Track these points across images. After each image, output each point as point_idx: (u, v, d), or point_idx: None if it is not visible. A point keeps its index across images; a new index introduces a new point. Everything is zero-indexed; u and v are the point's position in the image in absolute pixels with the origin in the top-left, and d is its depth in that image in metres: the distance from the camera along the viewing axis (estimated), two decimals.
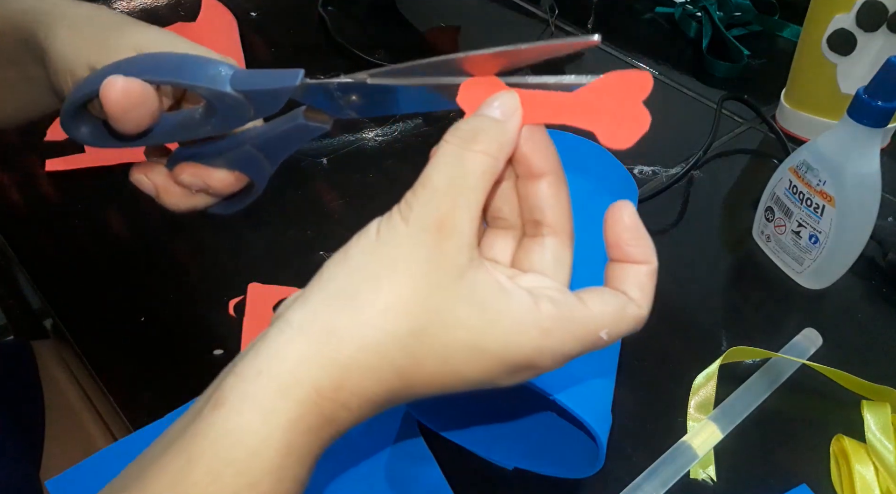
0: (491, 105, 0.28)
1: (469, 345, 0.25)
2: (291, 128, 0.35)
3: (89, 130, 0.36)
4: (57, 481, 0.43)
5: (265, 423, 0.24)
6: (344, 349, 0.25)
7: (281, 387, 0.25)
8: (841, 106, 0.50)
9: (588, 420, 0.37)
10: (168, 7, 0.86)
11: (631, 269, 0.29)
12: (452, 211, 0.26)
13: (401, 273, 0.25)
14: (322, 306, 0.26)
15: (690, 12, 0.87)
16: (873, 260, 0.58)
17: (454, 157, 0.26)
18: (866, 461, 0.44)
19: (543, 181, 0.29)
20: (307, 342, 0.25)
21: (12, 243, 0.58)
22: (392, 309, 0.25)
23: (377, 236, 0.26)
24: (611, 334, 0.27)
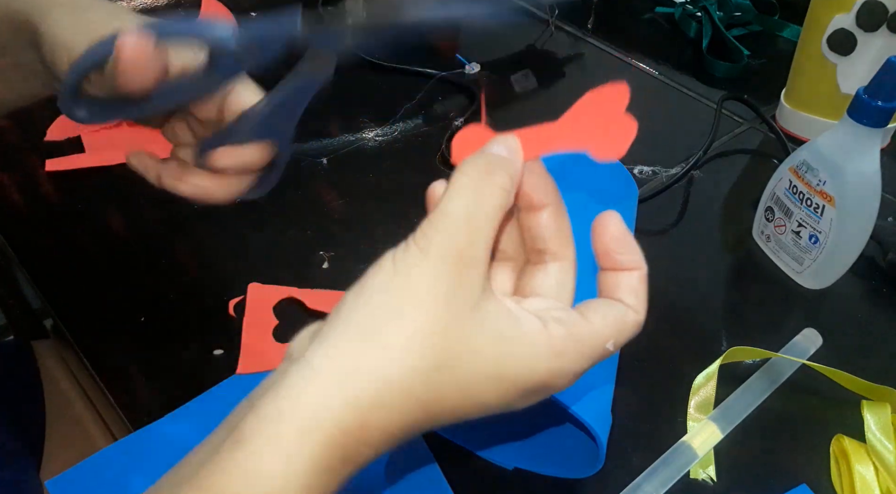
0: (495, 144, 0.29)
1: (489, 375, 0.26)
2: (300, 84, 0.36)
3: (87, 107, 0.37)
4: (57, 481, 0.43)
5: (286, 466, 0.24)
6: (367, 388, 0.25)
7: (303, 430, 0.24)
8: (841, 106, 0.50)
9: (588, 421, 0.37)
10: (168, 7, 0.86)
11: (623, 277, 0.29)
12: (471, 242, 0.26)
13: (421, 306, 0.25)
14: (343, 344, 0.25)
15: (690, 12, 0.87)
16: (873, 260, 0.58)
17: (471, 190, 0.27)
18: (866, 461, 0.44)
19: (544, 212, 0.30)
20: (329, 382, 0.25)
21: (12, 243, 0.58)
22: (415, 345, 0.25)
23: (394, 268, 0.26)
24: (616, 344, 0.28)
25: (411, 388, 0.25)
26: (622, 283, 0.29)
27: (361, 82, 0.76)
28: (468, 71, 0.78)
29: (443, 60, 0.79)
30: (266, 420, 0.25)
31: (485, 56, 0.80)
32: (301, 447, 0.24)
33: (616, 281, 0.29)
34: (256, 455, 0.24)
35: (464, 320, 0.26)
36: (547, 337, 0.26)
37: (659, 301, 0.55)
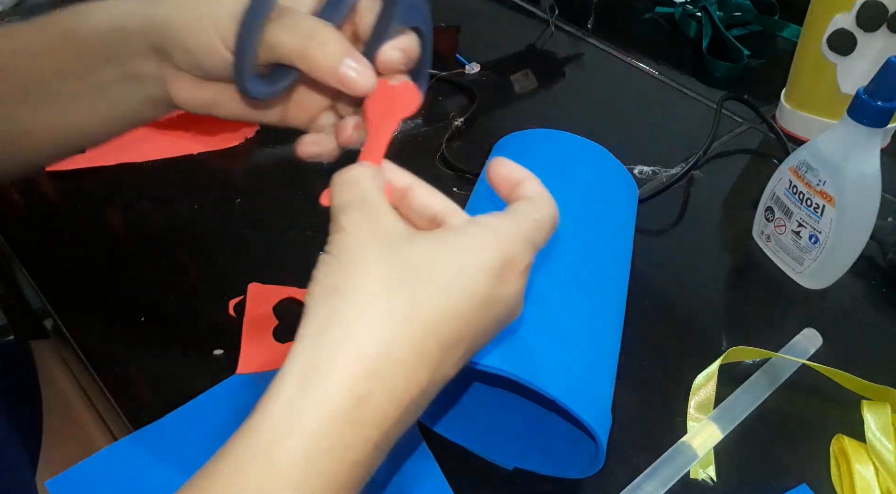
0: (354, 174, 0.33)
1: (451, 271, 0.29)
2: None
3: (268, 78, 0.36)
4: (56, 481, 0.43)
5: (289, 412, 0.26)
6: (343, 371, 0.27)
7: (301, 378, 0.27)
8: (841, 106, 0.50)
9: (588, 420, 0.37)
10: None
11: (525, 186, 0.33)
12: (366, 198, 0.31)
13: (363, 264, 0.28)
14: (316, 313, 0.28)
15: (690, 12, 0.87)
16: (873, 260, 0.58)
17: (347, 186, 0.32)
18: (866, 461, 0.45)
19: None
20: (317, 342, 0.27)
21: (12, 243, 0.58)
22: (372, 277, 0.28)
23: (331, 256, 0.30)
24: (540, 219, 0.32)
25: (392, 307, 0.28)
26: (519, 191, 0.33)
27: None
28: (468, 71, 0.78)
29: (443, 60, 0.79)
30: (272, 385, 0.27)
31: (485, 56, 0.80)
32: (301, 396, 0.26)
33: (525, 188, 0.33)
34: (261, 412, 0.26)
35: (404, 250, 0.29)
36: (482, 227, 0.30)
37: (659, 301, 0.56)
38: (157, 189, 0.63)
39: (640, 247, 0.54)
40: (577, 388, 0.38)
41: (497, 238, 0.30)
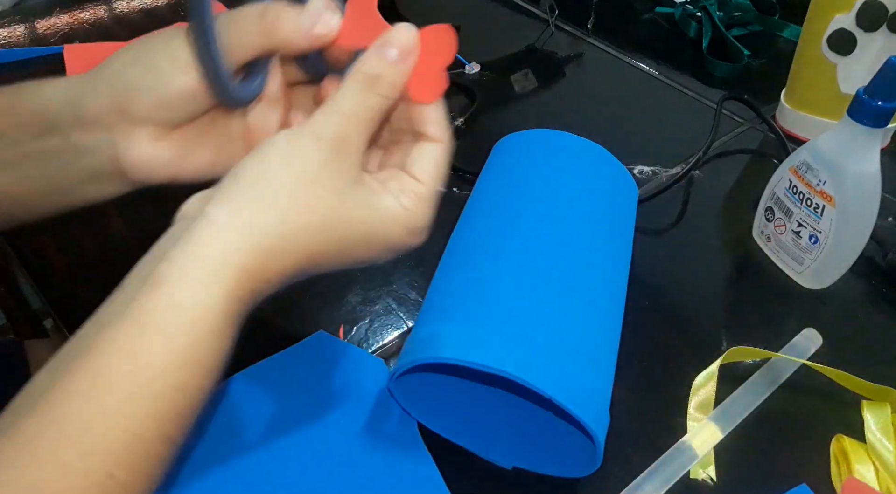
0: (390, 43, 0.35)
1: (362, 237, 0.33)
2: None
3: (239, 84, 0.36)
4: None
5: (206, 296, 0.30)
6: (266, 239, 0.31)
7: (215, 268, 0.30)
8: (841, 106, 0.50)
9: (585, 420, 0.37)
10: (168, 7, 0.86)
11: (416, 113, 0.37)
12: (354, 134, 0.33)
13: (310, 178, 0.32)
14: (244, 205, 0.31)
15: (690, 12, 0.87)
16: (873, 260, 0.58)
17: (358, 93, 0.33)
18: (866, 461, 0.45)
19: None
20: (234, 234, 0.30)
21: (12, 243, 0.58)
22: (305, 208, 0.31)
23: (288, 145, 0.32)
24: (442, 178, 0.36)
25: (300, 241, 0.32)
26: (424, 117, 0.37)
27: None
28: (468, 71, 0.78)
29: None
30: (180, 263, 0.30)
31: (485, 56, 0.80)
32: (215, 282, 0.30)
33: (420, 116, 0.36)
34: (178, 289, 0.29)
35: (343, 194, 0.33)
36: (400, 206, 0.34)
37: (659, 301, 0.56)
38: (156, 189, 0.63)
39: (640, 247, 0.54)
40: (574, 387, 0.38)
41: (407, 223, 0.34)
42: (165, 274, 0.30)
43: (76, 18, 0.83)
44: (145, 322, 0.29)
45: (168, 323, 0.29)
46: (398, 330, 0.52)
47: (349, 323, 0.52)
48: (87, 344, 0.29)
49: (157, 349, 0.28)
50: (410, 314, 0.53)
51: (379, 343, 0.51)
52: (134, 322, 0.29)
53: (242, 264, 0.30)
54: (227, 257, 0.30)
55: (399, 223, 0.34)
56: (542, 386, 0.36)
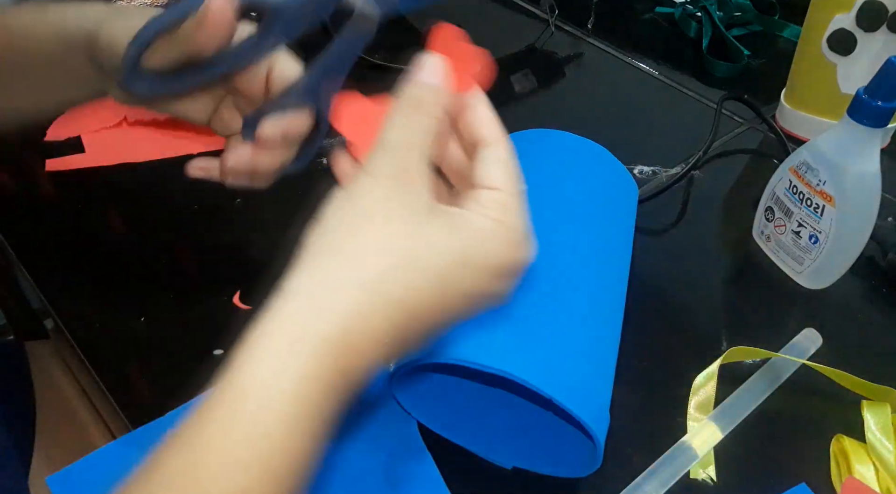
0: (419, 68, 0.33)
1: (455, 262, 0.29)
2: (343, 49, 0.38)
3: (148, 81, 0.38)
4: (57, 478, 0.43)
5: (275, 377, 0.26)
6: (342, 297, 0.27)
7: (288, 343, 0.26)
8: (841, 106, 0.50)
9: (585, 420, 0.37)
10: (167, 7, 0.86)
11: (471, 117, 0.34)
12: (410, 161, 0.30)
13: (377, 218, 0.28)
14: (312, 266, 0.28)
15: (690, 12, 0.87)
16: (873, 260, 0.58)
17: (405, 121, 0.31)
18: (866, 461, 0.44)
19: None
20: (306, 299, 0.27)
21: (12, 243, 0.58)
22: (378, 250, 0.28)
23: (346, 194, 0.30)
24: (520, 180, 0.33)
25: (384, 289, 0.27)
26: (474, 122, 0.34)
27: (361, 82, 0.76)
28: None
29: None
30: (252, 344, 0.27)
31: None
32: (288, 358, 0.26)
33: (470, 125, 0.34)
34: (246, 373, 0.26)
35: (419, 222, 0.29)
36: (490, 220, 0.30)
37: (659, 301, 0.56)
38: (157, 189, 0.63)
39: (640, 247, 0.54)
40: (574, 388, 0.38)
41: (507, 237, 0.30)
42: (236, 358, 0.27)
43: None
44: (208, 413, 0.26)
45: (230, 412, 0.26)
46: None
47: None
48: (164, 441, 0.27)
49: (216, 442, 0.26)
50: None
51: None
52: (199, 414, 0.26)
53: (322, 333, 0.26)
54: (304, 329, 0.26)
55: (497, 239, 0.30)
56: (542, 387, 0.36)
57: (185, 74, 0.38)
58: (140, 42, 0.36)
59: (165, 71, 0.38)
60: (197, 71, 0.38)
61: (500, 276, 0.30)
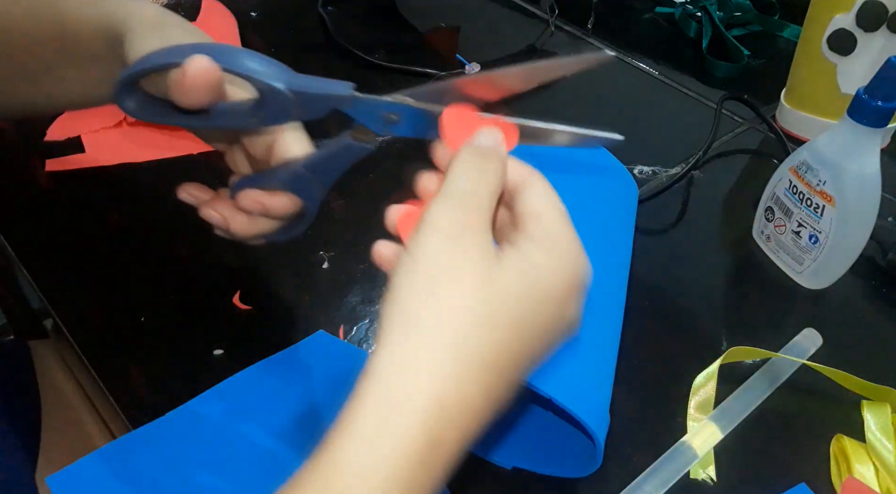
0: (484, 136, 0.33)
1: (530, 307, 0.28)
2: (339, 149, 0.38)
3: (136, 103, 0.39)
4: (57, 477, 0.43)
5: (369, 452, 0.26)
6: (430, 369, 0.26)
7: (381, 420, 0.26)
8: (841, 106, 0.50)
9: (585, 420, 0.37)
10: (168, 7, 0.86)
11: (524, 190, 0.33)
12: (475, 212, 0.29)
13: (449, 276, 0.28)
14: (393, 343, 0.27)
15: (690, 12, 0.87)
16: (873, 260, 0.58)
17: (474, 171, 0.31)
18: (866, 461, 0.45)
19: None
20: (395, 380, 0.27)
21: (12, 243, 0.58)
22: (457, 313, 0.27)
23: (410, 257, 0.29)
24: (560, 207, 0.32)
25: (470, 353, 0.27)
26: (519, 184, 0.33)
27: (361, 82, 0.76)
28: (468, 71, 0.78)
29: (443, 60, 0.79)
30: (344, 423, 0.26)
31: (485, 56, 0.80)
32: (381, 434, 0.26)
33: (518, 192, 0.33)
34: (339, 449, 0.26)
35: (490, 276, 0.28)
36: (544, 250, 0.30)
37: (659, 301, 0.56)
38: (157, 189, 0.63)
39: (640, 247, 0.54)
40: (574, 388, 0.38)
41: (562, 261, 0.30)
42: (330, 434, 0.27)
43: None
44: (303, 486, 0.26)
45: (325, 486, 0.26)
46: None
47: (349, 323, 0.52)
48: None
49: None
50: None
51: None
52: (292, 486, 0.26)
53: (420, 411, 0.26)
54: (396, 405, 0.26)
55: (557, 267, 0.30)
56: (542, 387, 0.36)
57: (174, 111, 0.38)
58: (132, 73, 0.36)
59: (158, 98, 0.38)
60: (186, 113, 0.37)
61: (570, 300, 0.30)
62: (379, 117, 0.36)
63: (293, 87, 0.35)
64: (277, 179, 0.40)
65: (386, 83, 0.76)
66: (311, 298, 0.54)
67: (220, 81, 0.35)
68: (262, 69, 0.35)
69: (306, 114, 0.36)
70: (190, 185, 0.45)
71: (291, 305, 0.53)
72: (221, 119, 0.38)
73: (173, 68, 0.35)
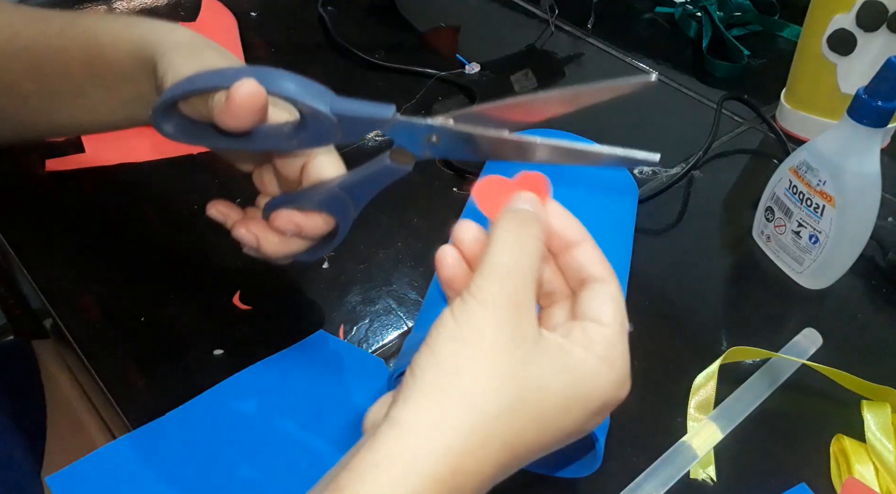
0: (521, 201, 0.32)
1: (560, 405, 0.28)
2: (378, 170, 0.38)
3: (175, 126, 0.39)
4: (57, 477, 0.43)
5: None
6: (456, 437, 0.26)
7: (397, 479, 0.26)
8: (841, 106, 0.50)
9: None
10: (168, 7, 0.86)
11: (579, 254, 0.32)
12: (522, 289, 0.29)
13: (491, 354, 0.28)
14: (423, 399, 0.27)
15: (690, 12, 0.87)
16: (873, 260, 0.58)
17: (514, 242, 0.30)
18: (866, 461, 0.45)
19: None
20: (419, 436, 0.26)
21: (12, 243, 0.58)
22: (491, 390, 0.27)
23: (456, 323, 0.28)
24: (626, 322, 0.31)
25: (494, 432, 0.27)
26: (583, 258, 0.32)
27: (361, 82, 0.76)
28: (468, 71, 0.78)
29: (443, 60, 0.79)
30: (360, 471, 0.26)
31: (485, 56, 0.80)
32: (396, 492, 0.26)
33: (577, 258, 0.32)
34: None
35: (528, 361, 0.28)
36: (596, 357, 0.29)
37: (659, 301, 0.56)
38: (157, 189, 0.63)
39: (640, 247, 0.54)
40: None
41: (609, 377, 0.29)
42: (344, 482, 0.26)
43: None
44: None
45: None
46: (398, 330, 0.52)
47: (349, 323, 0.52)
48: None
49: None
50: (410, 314, 0.53)
51: (379, 343, 0.51)
52: None
53: (432, 472, 0.26)
54: (413, 464, 0.26)
55: (601, 376, 0.29)
56: None
57: (213, 133, 0.38)
58: (172, 95, 0.36)
59: (197, 121, 0.38)
60: (225, 136, 0.37)
61: (597, 415, 0.30)
62: (420, 140, 0.35)
63: (336, 110, 0.35)
64: (312, 200, 0.40)
65: (386, 83, 0.76)
66: (311, 298, 0.54)
67: (265, 105, 0.35)
68: (304, 91, 0.35)
69: (347, 136, 0.36)
70: (219, 203, 0.44)
71: (291, 305, 0.53)
72: (262, 142, 0.38)
73: (217, 91, 0.35)
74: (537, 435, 0.28)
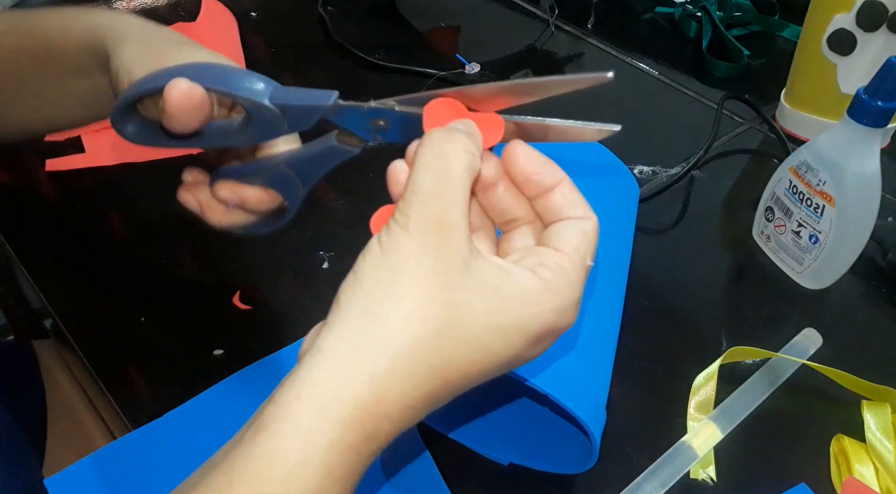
0: (455, 123, 0.31)
1: (492, 328, 0.27)
2: (324, 150, 0.37)
3: (135, 128, 0.38)
4: (55, 479, 0.43)
5: (305, 444, 0.25)
6: (378, 362, 0.26)
7: (320, 408, 0.25)
8: (841, 106, 0.50)
9: (580, 415, 0.37)
10: (168, 7, 0.86)
11: (557, 194, 0.31)
12: (445, 210, 0.27)
13: (414, 278, 0.27)
14: (347, 327, 0.27)
15: (690, 12, 0.87)
16: (873, 260, 0.58)
17: (436, 159, 0.29)
18: (866, 461, 0.45)
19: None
20: (341, 363, 0.26)
21: (12, 243, 0.58)
22: (415, 314, 0.26)
23: (381, 250, 0.28)
24: (591, 257, 0.30)
25: (420, 355, 0.26)
26: (560, 200, 0.31)
27: (361, 82, 0.76)
28: (468, 71, 0.78)
29: (443, 60, 0.79)
30: (283, 404, 0.26)
31: (485, 56, 0.80)
32: (319, 424, 0.25)
33: (553, 201, 0.31)
34: (275, 436, 0.25)
35: (457, 283, 0.27)
36: (539, 280, 0.28)
37: (659, 301, 0.56)
38: (157, 189, 0.63)
39: (640, 247, 0.54)
40: (570, 384, 0.38)
41: (551, 303, 0.28)
42: (267, 417, 0.26)
43: None
44: (235, 475, 0.25)
45: (258, 479, 0.25)
46: None
47: None
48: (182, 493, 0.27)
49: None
50: None
51: None
52: (224, 473, 0.26)
53: (354, 398, 0.26)
54: (336, 393, 0.26)
55: (540, 301, 0.27)
56: (539, 383, 0.36)
57: (168, 135, 0.38)
58: (126, 98, 0.36)
59: (154, 123, 0.38)
60: (176, 138, 0.37)
61: (538, 342, 0.29)
62: (366, 124, 0.35)
63: (276, 101, 0.34)
64: (257, 173, 0.40)
65: (386, 83, 0.76)
66: (311, 298, 0.54)
67: (203, 102, 0.35)
68: (244, 85, 0.35)
69: (295, 126, 0.36)
70: (194, 168, 0.44)
71: (291, 305, 0.53)
72: (214, 139, 0.38)
73: (160, 93, 0.35)
74: (470, 360, 0.27)
